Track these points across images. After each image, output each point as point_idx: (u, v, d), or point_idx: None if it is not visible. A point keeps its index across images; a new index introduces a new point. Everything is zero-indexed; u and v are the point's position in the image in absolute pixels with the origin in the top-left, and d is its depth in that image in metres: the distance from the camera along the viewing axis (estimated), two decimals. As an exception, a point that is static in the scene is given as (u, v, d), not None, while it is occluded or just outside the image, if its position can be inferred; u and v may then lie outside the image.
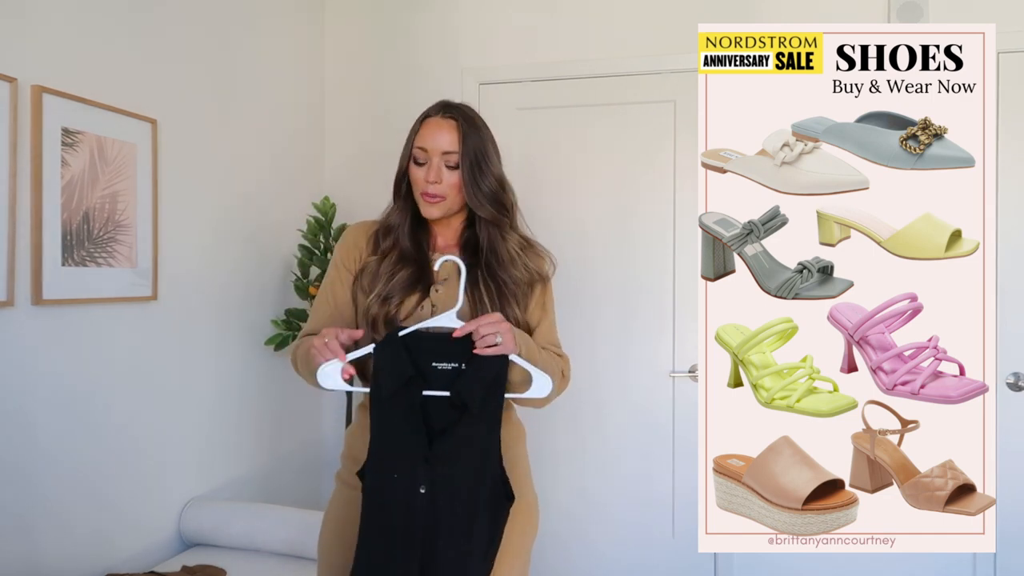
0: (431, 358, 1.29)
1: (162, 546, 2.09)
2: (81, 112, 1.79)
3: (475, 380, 1.27)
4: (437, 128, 1.42)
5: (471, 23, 2.74)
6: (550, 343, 1.50)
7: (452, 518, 1.26)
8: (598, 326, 2.62)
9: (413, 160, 1.44)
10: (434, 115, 1.44)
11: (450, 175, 1.41)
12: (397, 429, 1.28)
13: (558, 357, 1.49)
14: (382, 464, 1.29)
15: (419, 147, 1.42)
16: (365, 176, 2.80)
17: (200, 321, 2.23)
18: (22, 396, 1.69)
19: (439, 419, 1.27)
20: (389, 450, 1.28)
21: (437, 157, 1.41)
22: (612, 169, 2.63)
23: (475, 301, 1.40)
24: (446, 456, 1.26)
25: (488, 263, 1.43)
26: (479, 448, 1.28)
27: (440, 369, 1.28)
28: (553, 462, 2.65)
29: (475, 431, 1.28)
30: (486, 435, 1.29)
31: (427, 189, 1.41)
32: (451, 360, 1.29)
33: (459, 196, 1.43)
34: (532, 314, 1.47)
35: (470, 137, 1.41)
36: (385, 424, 1.29)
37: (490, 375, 1.28)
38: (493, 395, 1.28)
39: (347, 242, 1.51)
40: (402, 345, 1.29)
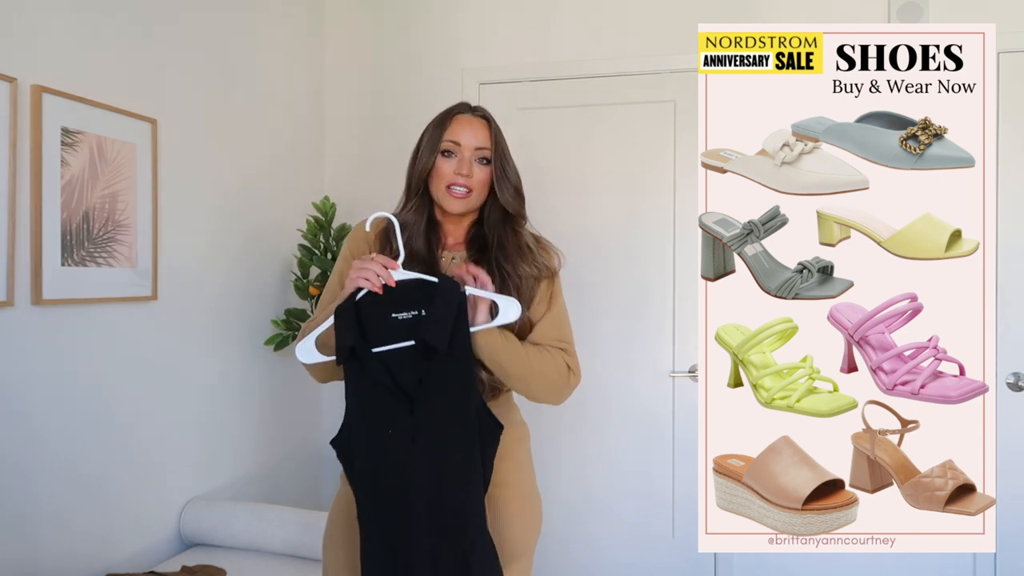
0: (390, 310, 1.28)
1: (162, 546, 2.09)
2: (81, 112, 1.79)
3: (437, 322, 1.26)
4: (469, 124, 1.44)
5: (471, 23, 2.74)
6: (556, 339, 1.44)
7: (447, 461, 1.26)
8: (598, 326, 2.62)
9: (441, 153, 1.44)
10: (465, 112, 1.47)
11: (480, 171, 1.43)
12: (374, 390, 1.27)
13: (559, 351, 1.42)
14: (368, 427, 1.28)
15: (451, 140, 1.43)
16: (365, 176, 2.81)
17: (200, 321, 2.23)
18: (22, 396, 1.69)
19: (413, 369, 1.27)
20: (372, 412, 1.28)
21: (469, 152, 1.43)
22: (612, 169, 2.63)
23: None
24: (429, 402, 1.26)
25: (498, 260, 1.43)
26: (458, 386, 1.28)
27: (401, 319, 1.28)
28: (555, 462, 2.65)
29: (450, 370, 1.27)
30: (462, 372, 1.28)
31: (456, 181, 1.42)
32: (410, 309, 1.29)
33: (483, 192, 1.45)
34: (536, 309, 1.44)
35: (499, 136, 1.47)
36: (361, 388, 1.28)
37: (451, 313, 1.27)
38: (458, 332, 1.27)
39: (357, 236, 1.51)
40: (354, 309, 1.28)
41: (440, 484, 1.26)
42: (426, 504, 1.25)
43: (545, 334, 1.43)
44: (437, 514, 1.26)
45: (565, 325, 1.48)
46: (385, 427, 1.26)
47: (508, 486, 1.42)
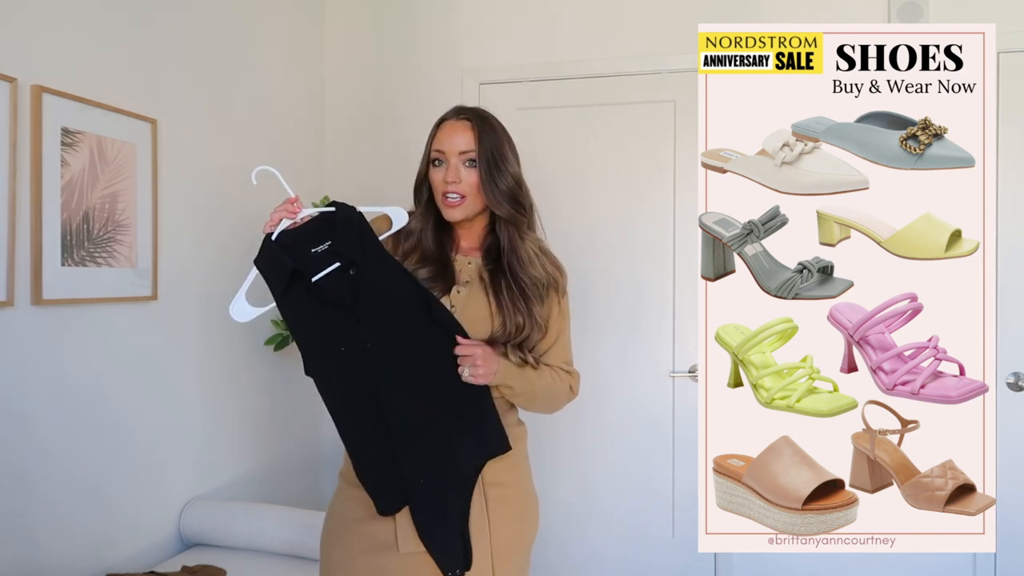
0: (308, 246, 1.35)
1: (162, 546, 2.09)
2: (81, 112, 1.79)
3: (346, 237, 1.34)
4: (451, 130, 1.44)
5: (471, 23, 2.74)
6: (564, 362, 1.51)
7: (403, 356, 1.33)
8: (598, 326, 2.62)
9: (431, 164, 1.45)
10: (449, 119, 1.46)
11: (468, 174, 1.42)
12: (316, 314, 1.35)
13: (566, 374, 1.50)
14: (321, 349, 1.36)
15: (436, 150, 1.44)
16: (365, 176, 2.80)
17: (200, 321, 2.23)
18: (22, 396, 1.69)
19: (346, 287, 1.34)
20: (322, 334, 1.35)
21: (455, 158, 1.42)
22: (612, 169, 2.63)
23: (501, 305, 1.41)
24: (370, 309, 1.33)
25: (510, 264, 1.44)
26: (389, 283, 1.34)
27: (321, 251, 1.35)
28: (554, 461, 2.65)
29: (375, 275, 1.34)
30: (388, 272, 1.35)
31: (447, 189, 1.42)
32: (324, 240, 1.35)
33: (479, 196, 1.43)
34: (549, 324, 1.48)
35: (485, 135, 1.43)
36: (304, 317, 1.36)
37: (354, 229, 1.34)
38: (366, 242, 1.35)
39: None
40: (276, 247, 1.35)
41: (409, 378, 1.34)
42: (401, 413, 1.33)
43: (556, 356, 1.50)
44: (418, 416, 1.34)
45: (570, 346, 1.54)
46: (338, 345, 1.34)
47: (505, 485, 1.43)
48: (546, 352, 1.48)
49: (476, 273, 1.45)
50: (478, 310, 1.41)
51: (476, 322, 1.39)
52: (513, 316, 1.40)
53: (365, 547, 1.38)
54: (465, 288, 1.43)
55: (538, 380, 1.43)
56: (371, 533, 1.38)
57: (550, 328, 1.48)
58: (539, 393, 1.44)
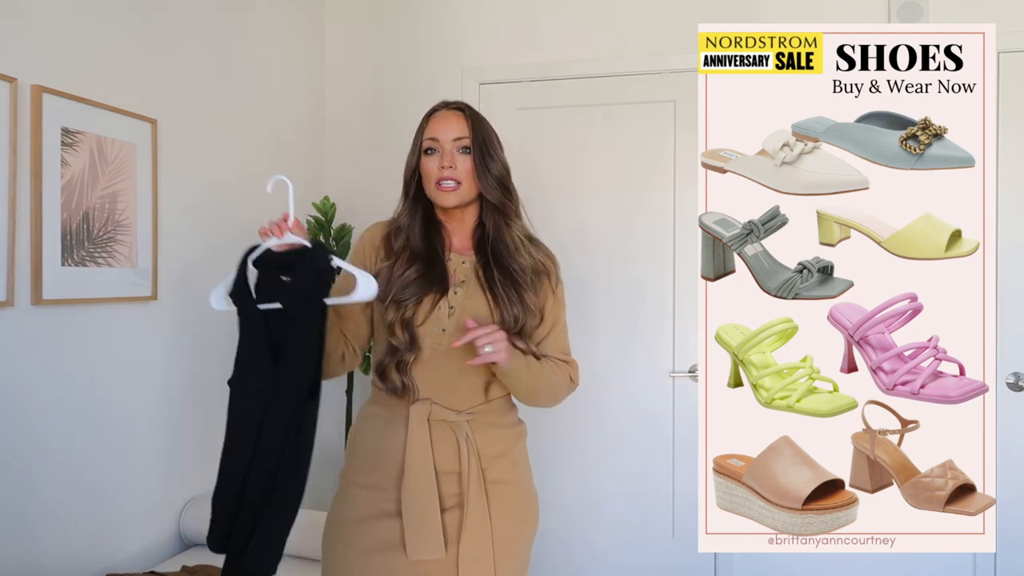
0: (281, 273, 1.38)
1: (162, 546, 2.09)
2: (81, 112, 1.79)
3: (294, 286, 1.36)
4: (445, 119, 1.45)
5: (471, 23, 2.74)
6: (561, 351, 1.51)
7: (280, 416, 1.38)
8: (598, 326, 2.62)
9: (424, 152, 1.45)
10: (440, 109, 1.48)
11: (463, 160, 1.44)
12: (251, 340, 1.38)
13: (565, 364, 1.50)
14: (244, 372, 1.41)
15: (429, 138, 1.45)
16: (365, 176, 2.80)
17: (200, 321, 2.23)
18: (22, 396, 1.69)
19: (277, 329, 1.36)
20: (247, 361, 1.40)
21: (449, 144, 1.43)
22: (612, 169, 2.63)
23: (498, 299, 1.41)
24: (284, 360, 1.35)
25: (496, 252, 1.45)
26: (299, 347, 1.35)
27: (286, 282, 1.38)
28: (553, 461, 2.65)
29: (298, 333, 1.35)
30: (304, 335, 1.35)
31: (442, 176, 1.43)
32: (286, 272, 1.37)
33: (473, 183, 1.44)
34: (545, 313, 1.49)
35: (478, 124, 1.46)
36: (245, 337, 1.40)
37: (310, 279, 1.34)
38: (312, 298, 1.35)
39: (364, 242, 1.52)
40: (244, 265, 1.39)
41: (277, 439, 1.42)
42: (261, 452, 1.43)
43: (554, 347, 1.50)
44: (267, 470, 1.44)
45: (567, 336, 1.55)
46: (254, 380, 1.38)
47: (505, 484, 1.43)
48: (543, 341, 1.48)
49: (472, 272, 1.45)
50: (478, 308, 1.41)
51: (478, 320, 1.39)
52: (509, 307, 1.41)
53: (367, 547, 1.38)
54: (462, 288, 1.43)
55: (540, 370, 1.44)
56: (373, 533, 1.38)
57: (546, 316, 1.48)
58: (542, 384, 1.44)
